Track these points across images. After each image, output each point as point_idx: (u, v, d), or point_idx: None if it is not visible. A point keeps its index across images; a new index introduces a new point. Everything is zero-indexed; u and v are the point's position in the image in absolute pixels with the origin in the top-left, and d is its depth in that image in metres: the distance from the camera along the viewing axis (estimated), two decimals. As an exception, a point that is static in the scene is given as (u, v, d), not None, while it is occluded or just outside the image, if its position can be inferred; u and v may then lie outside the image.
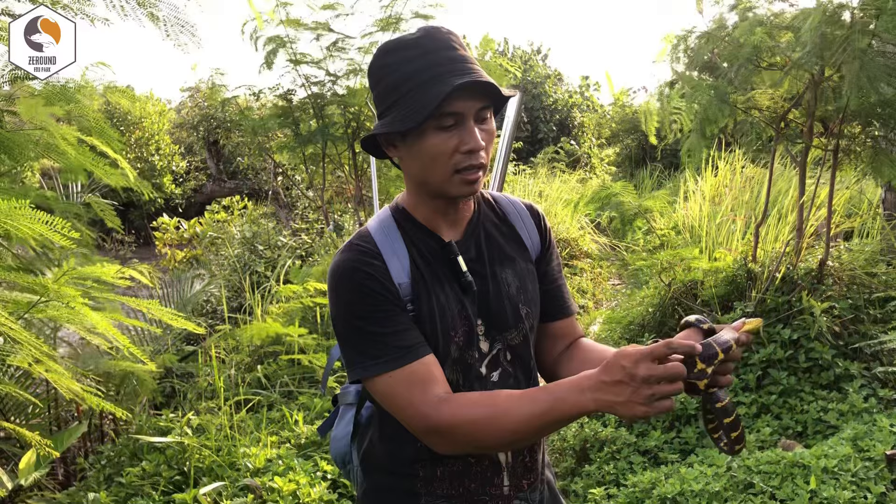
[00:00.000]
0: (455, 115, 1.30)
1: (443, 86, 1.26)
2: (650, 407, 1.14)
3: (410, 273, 1.39)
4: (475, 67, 1.32)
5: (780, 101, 4.53)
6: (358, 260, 1.36)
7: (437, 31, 1.36)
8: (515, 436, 1.28)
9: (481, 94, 1.32)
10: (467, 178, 1.34)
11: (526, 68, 18.26)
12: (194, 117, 14.25)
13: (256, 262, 7.90)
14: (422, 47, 1.32)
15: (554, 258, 1.62)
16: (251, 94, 6.75)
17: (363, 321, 1.34)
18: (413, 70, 1.31)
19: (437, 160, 1.33)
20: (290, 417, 3.97)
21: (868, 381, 3.98)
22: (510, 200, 1.61)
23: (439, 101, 1.26)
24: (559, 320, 1.60)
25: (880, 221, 5.83)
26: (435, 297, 1.39)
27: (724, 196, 7.63)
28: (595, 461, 3.77)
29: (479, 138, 1.32)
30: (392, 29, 5.73)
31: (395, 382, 1.32)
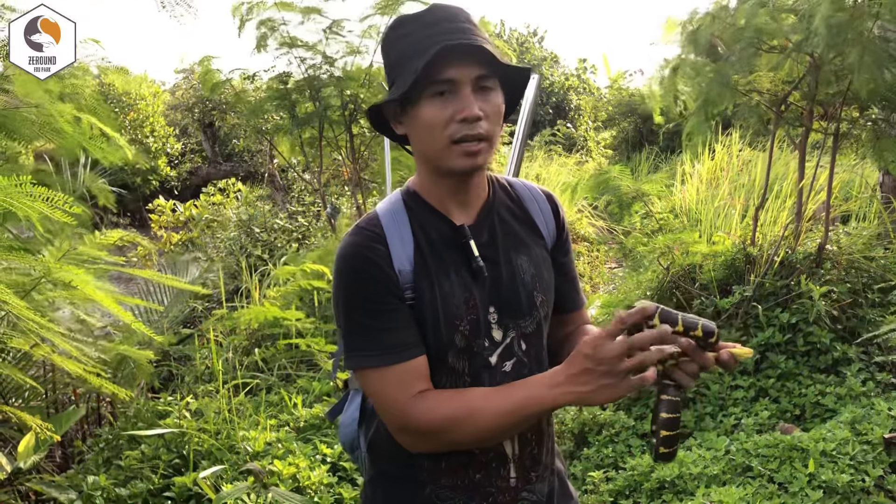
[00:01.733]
0: (449, 83, 1.27)
1: (432, 50, 1.25)
2: (619, 387, 1.14)
3: (413, 259, 1.36)
4: (473, 36, 1.29)
5: (780, 83, 4.51)
6: (361, 244, 1.34)
7: (442, 6, 1.34)
8: (488, 433, 1.29)
9: (479, 62, 1.28)
10: (466, 149, 1.30)
11: (522, 51, 18.17)
12: (189, 99, 14.15)
13: (253, 245, 7.89)
14: (423, 21, 1.31)
15: (569, 249, 1.59)
16: (246, 77, 6.68)
17: (360, 311, 1.33)
18: (411, 42, 1.30)
19: (432, 130, 1.30)
20: (289, 401, 3.97)
21: (866, 364, 3.99)
22: (526, 186, 1.56)
23: (424, 64, 1.23)
24: (570, 313, 1.59)
25: (878, 205, 5.84)
26: (438, 284, 1.36)
27: (721, 179, 7.62)
28: (593, 444, 3.78)
29: (474, 106, 1.28)
30: (391, 12, 5.67)
31: (379, 378, 1.32)
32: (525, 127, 2.10)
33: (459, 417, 1.28)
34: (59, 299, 2.72)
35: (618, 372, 1.14)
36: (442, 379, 1.38)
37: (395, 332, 1.32)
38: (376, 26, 5.84)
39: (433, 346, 1.36)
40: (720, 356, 1.21)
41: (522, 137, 2.10)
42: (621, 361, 1.14)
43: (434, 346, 1.36)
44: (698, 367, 1.21)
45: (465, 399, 1.31)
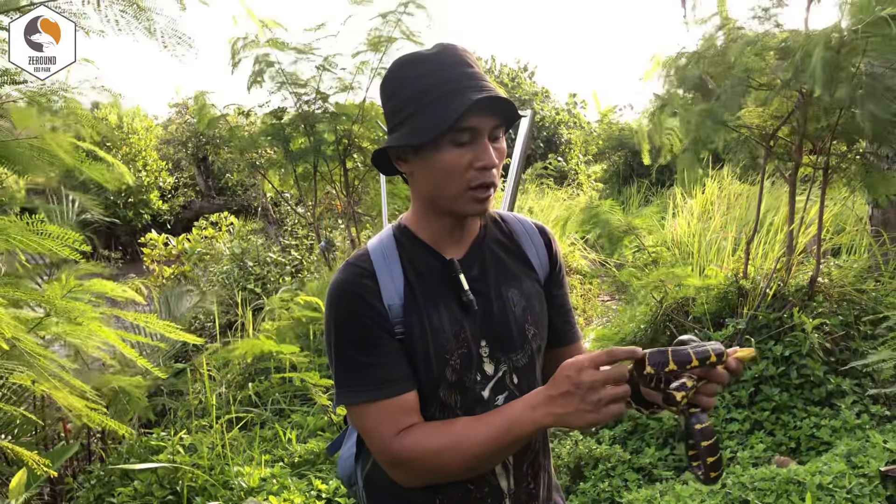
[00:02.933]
0: (471, 131, 1.30)
1: (462, 99, 1.26)
2: (599, 413, 1.16)
3: (403, 294, 1.37)
4: (491, 85, 1.32)
5: (769, 119, 4.57)
6: (351, 281, 1.37)
7: (454, 47, 1.36)
8: (476, 461, 1.30)
9: (496, 112, 1.31)
10: (479, 195, 1.33)
11: (513, 86, 18.36)
12: (182, 133, 14.22)
13: (246, 278, 7.87)
14: (439, 62, 1.32)
15: (563, 282, 1.60)
16: (241, 112, 6.74)
17: (350, 346, 1.35)
18: (431, 84, 1.30)
19: (450, 176, 1.32)
20: (283, 436, 3.95)
21: (860, 397, 4.00)
22: (519, 219, 1.58)
23: (459, 115, 1.25)
24: (565, 346, 1.60)
25: (868, 238, 5.89)
26: (428, 319, 1.37)
27: (713, 213, 7.68)
28: (589, 479, 3.76)
29: (493, 155, 1.31)
30: (383, 49, 5.75)
31: (367, 414, 1.35)
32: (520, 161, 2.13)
33: (445, 448, 1.30)
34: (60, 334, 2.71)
35: (598, 399, 1.16)
36: (435, 413, 1.39)
37: (384, 367, 1.34)
38: (368, 62, 5.92)
39: (424, 381, 1.37)
40: (728, 366, 1.24)
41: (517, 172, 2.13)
42: (602, 388, 1.15)
43: (425, 381, 1.37)
44: (716, 387, 1.25)
45: (449, 429, 1.32)
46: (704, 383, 1.24)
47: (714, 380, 1.24)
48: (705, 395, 1.25)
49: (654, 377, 1.23)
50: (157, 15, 3.10)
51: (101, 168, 3.17)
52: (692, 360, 1.21)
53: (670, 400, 1.22)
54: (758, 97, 4.44)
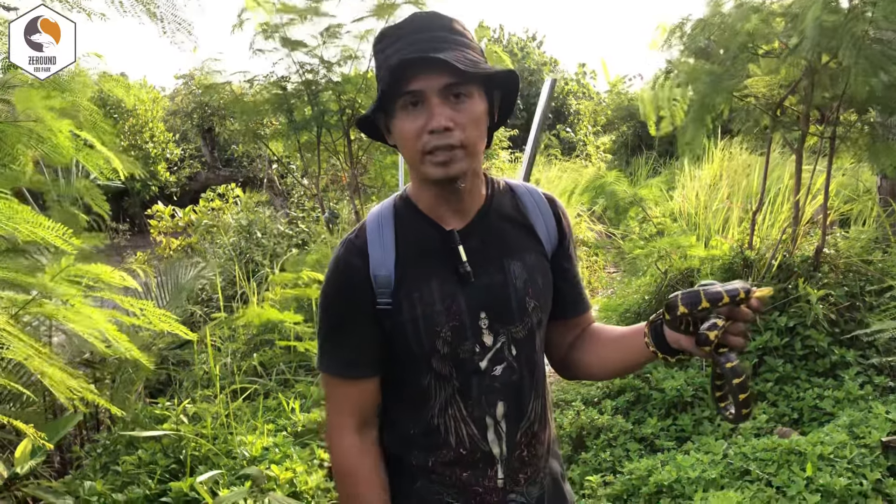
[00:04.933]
0: (416, 94, 1.28)
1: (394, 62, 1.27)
2: None
3: (394, 266, 1.38)
4: (441, 45, 1.28)
5: (776, 88, 4.51)
6: (343, 259, 1.41)
7: (421, 14, 1.34)
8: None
9: (447, 72, 1.27)
10: (436, 159, 1.30)
11: (522, 55, 18.20)
12: (188, 104, 14.18)
13: (253, 250, 7.88)
14: (397, 33, 1.33)
15: (572, 254, 1.58)
16: (245, 81, 6.69)
17: (331, 319, 1.44)
18: (385, 56, 1.32)
19: (406, 142, 1.32)
20: (287, 405, 3.97)
21: (864, 368, 3.99)
22: (528, 189, 1.55)
23: (387, 81, 1.27)
24: (575, 317, 1.59)
25: (876, 208, 5.84)
26: (417, 291, 1.38)
27: (720, 184, 7.63)
28: (591, 448, 3.78)
29: (440, 117, 1.27)
30: (386, 15, 5.69)
31: (330, 386, 1.47)
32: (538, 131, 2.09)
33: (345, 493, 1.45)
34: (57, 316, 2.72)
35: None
36: (430, 382, 1.41)
37: (352, 348, 1.42)
38: (373, 30, 5.86)
39: (416, 351, 1.39)
40: (751, 304, 1.24)
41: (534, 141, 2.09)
42: None
43: (417, 351, 1.39)
44: (743, 325, 1.25)
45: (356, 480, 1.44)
46: (731, 323, 1.25)
47: (740, 319, 1.24)
48: (733, 335, 1.25)
49: (685, 318, 1.26)
50: None
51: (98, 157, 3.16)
52: (724, 298, 1.22)
53: (703, 340, 1.23)
54: (768, 65, 4.38)
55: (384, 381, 1.47)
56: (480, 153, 1.38)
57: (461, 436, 1.41)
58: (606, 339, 1.53)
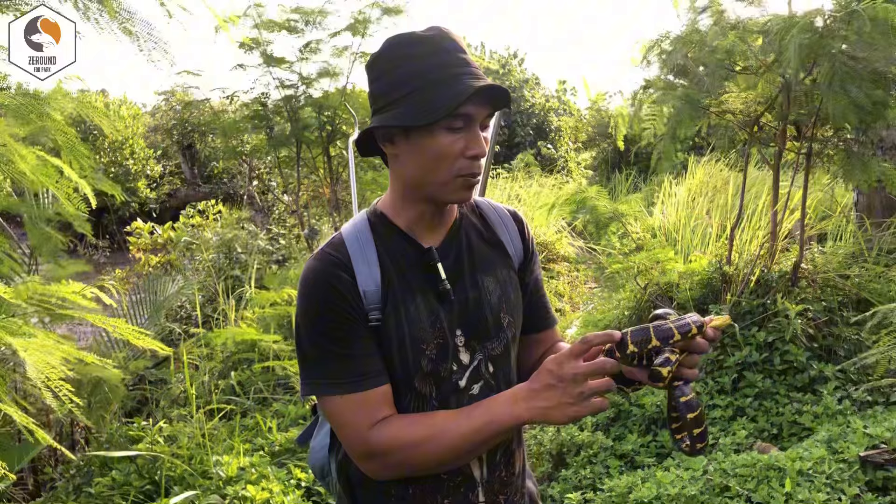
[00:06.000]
0: (466, 118, 1.29)
1: (462, 86, 1.25)
2: (581, 406, 1.16)
3: (380, 282, 1.35)
4: (481, 74, 1.31)
5: (753, 104, 4.55)
6: (326, 271, 1.33)
7: (447, 31, 1.34)
8: (454, 454, 1.29)
9: (489, 102, 1.31)
10: (467, 183, 1.34)
11: (504, 73, 18.28)
12: (168, 121, 14.10)
13: (232, 266, 7.82)
14: (436, 45, 1.31)
15: (537, 268, 1.59)
16: (225, 97, 6.67)
17: (324, 338, 1.33)
18: (427, 66, 1.29)
19: (441, 161, 1.30)
20: (264, 425, 3.93)
21: (842, 382, 4.00)
22: (493, 206, 1.56)
23: (462, 101, 1.25)
24: (541, 332, 1.59)
25: (853, 224, 5.89)
26: (404, 308, 1.35)
27: (698, 199, 7.68)
28: (571, 465, 3.76)
29: (484, 144, 1.31)
30: (361, 32, 5.71)
31: (343, 405, 1.32)
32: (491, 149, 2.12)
33: (424, 440, 1.28)
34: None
35: (580, 392, 1.15)
36: (409, 403, 1.37)
37: (358, 359, 1.32)
38: (349, 47, 5.87)
39: (400, 370, 1.35)
40: (706, 335, 1.24)
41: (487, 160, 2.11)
42: (585, 381, 1.15)
43: (401, 371, 1.35)
44: (698, 357, 1.26)
45: (427, 422, 1.30)
46: (686, 355, 1.25)
47: (695, 350, 1.25)
48: (687, 367, 1.25)
49: (636, 355, 1.24)
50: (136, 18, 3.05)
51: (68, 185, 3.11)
52: (674, 335, 1.21)
53: (655, 376, 1.22)
54: (744, 82, 4.42)
55: None
56: None
57: None
58: None
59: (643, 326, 1.23)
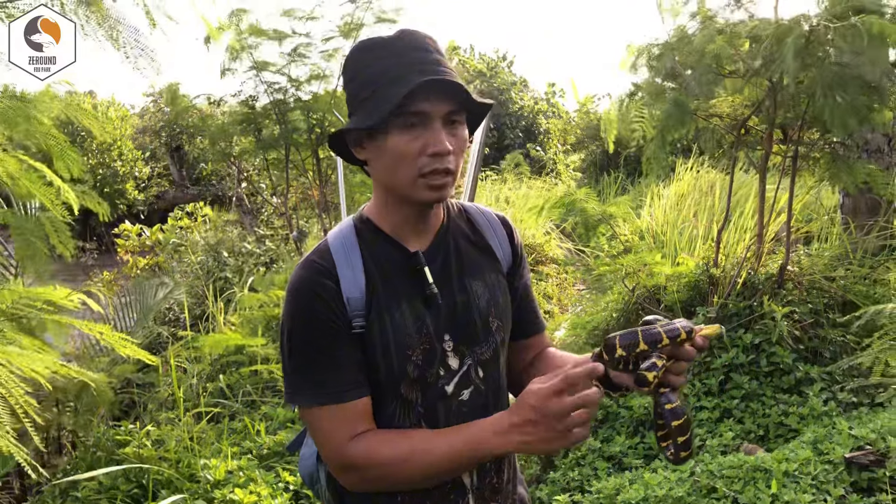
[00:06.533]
0: (420, 115, 1.27)
1: (407, 83, 1.24)
2: (565, 439, 1.15)
3: (365, 288, 1.34)
4: (446, 69, 1.28)
5: (740, 107, 4.58)
6: (311, 280, 1.33)
7: (413, 32, 1.33)
8: (430, 475, 1.30)
9: (450, 98, 1.28)
10: (433, 182, 1.30)
11: (492, 75, 18.31)
12: (157, 123, 14.06)
13: (221, 268, 7.81)
14: (394, 47, 1.30)
15: (525, 273, 1.58)
16: (212, 101, 6.66)
17: (308, 347, 1.33)
18: (382, 68, 1.28)
19: (401, 162, 1.29)
20: (252, 428, 3.92)
21: (828, 384, 4.03)
22: (481, 210, 1.56)
23: (401, 98, 1.23)
24: (530, 337, 1.58)
25: (838, 226, 5.93)
26: (389, 314, 1.34)
27: (686, 202, 7.71)
28: (559, 468, 3.77)
29: (444, 141, 1.27)
30: (353, 35, 5.70)
31: (320, 417, 1.32)
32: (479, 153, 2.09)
33: (400, 459, 1.28)
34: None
35: (563, 427, 1.14)
36: (395, 410, 1.36)
37: (338, 371, 1.32)
38: (340, 49, 5.86)
39: (385, 376, 1.34)
40: (695, 343, 1.24)
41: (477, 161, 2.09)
42: (567, 417, 1.14)
43: (386, 376, 1.34)
44: (685, 364, 1.25)
45: (406, 441, 1.30)
46: (673, 362, 1.24)
47: (682, 357, 1.24)
48: (674, 374, 1.24)
49: (624, 359, 1.23)
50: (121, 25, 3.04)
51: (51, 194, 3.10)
52: (663, 339, 1.21)
53: (641, 381, 1.21)
54: (732, 85, 4.44)
55: None
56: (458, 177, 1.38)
57: None
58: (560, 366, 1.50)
59: (632, 330, 1.23)
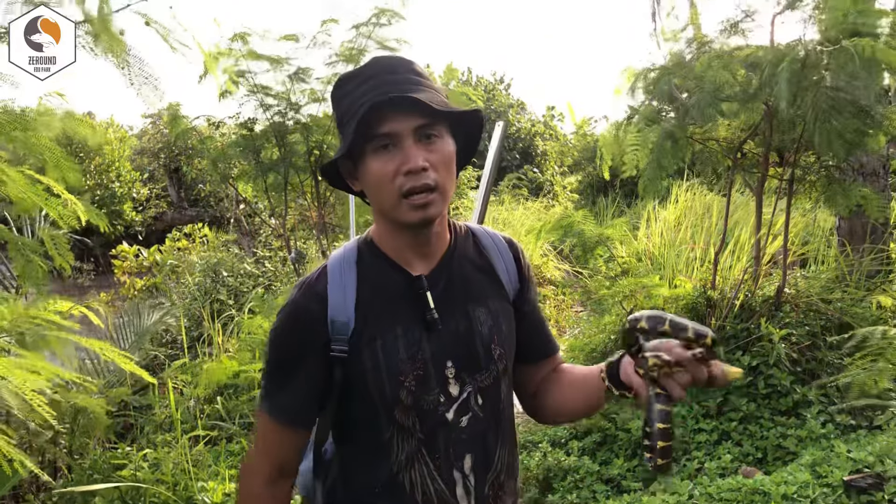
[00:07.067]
0: (389, 136, 1.26)
1: (365, 107, 1.24)
2: None
3: (354, 312, 1.34)
4: (414, 87, 1.27)
5: (737, 131, 4.62)
6: (296, 302, 1.36)
7: (384, 58, 1.33)
8: None
9: (418, 112, 1.25)
10: (414, 202, 1.27)
11: (489, 98, 18.42)
12: (156, 144, 14.10)
13: (219, 290, 7.79)
14: (361, 77, 1.30)
15: (533, 296, 1.55)
16: (212, 123, 6.67)
17: (278, 359, 1.39)
18: (354, 97, 1.28)
19: (381, 185, 1.28)
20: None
21: (825, 406, 4.03)
22: (489, 234, 1.52)
23: (356, 123, 1.23)
24: (543, 360, 1.56)
25: (835, 249, 5.96)
26: (381, 338, 1.33)
27: (683, 224, 7.74)
28: (558, 490, 3.76)
29: (417, 157, 1.25)
30: (355, 60, 5.73)
31: (261, 425, 1.40)
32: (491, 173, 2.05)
33: None
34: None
35: None
36: (392, 436, 1.35)
37: (293, 395, 1.37)
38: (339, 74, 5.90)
39: (379, 401, 1.34)
40: (712, 370, 1.15)
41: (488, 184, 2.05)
42: None
43: (380, 401, 1.34)
44: (690, 378, 1.16)
45: None
46: (679, 370, 1.16)
47: (691, 371, 1.16)
48: (677, 383, 1.17)
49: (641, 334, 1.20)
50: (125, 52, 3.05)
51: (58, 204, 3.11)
52: (688, 330, 1.15)
53: (642, 364, 1.17)
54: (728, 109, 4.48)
55: (341, 436, 1.43)
56: (451, 195, 1.35)
57: (428, 493, 1.35)
58: (571, 380, 1.50)
59: (662, 312, 1.19)
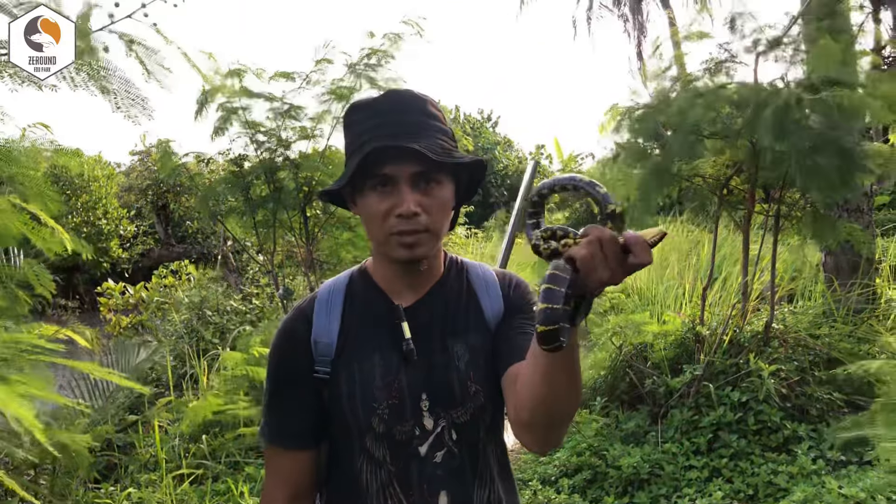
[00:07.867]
0: (387, 178, 1.28)
1: (368, 147, 1.26)
2: None
3: (337, 337, 1.37)
4: (419, 132, 1.29)
5: (722, 168, 4.66)
6: (285, 327, 1.42)
7: (399, 93, 1.34)
8: None
9: (417, 161, 1.27)
10: (404, 241, 1.30)
11: (476, 135, 18.59)
12: (143, 181, 14.10)
13: (205, 327, 7.74)
14: (375, 109, 1.32)
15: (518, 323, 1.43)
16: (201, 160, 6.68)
17: (272, 384, 1.42)
18: (361, 130, 1.31)
19: (373, 221, 1.31)
20: (236, 489, 3.84)
21: (816, 442, 4.02)
22: (481, 269, 1.51)
23: (356, 165, 1.26)
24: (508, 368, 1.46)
25: (822, 284, 5.99)
26: (357, 364, 1.35)
27: (670, 259, 7.77)
28: (549, 530, 3.71)
29: (409, 203, 1.27)
30: (345, 100, 5.78)
31: (267, 454, 1.44)
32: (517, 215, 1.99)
33: None
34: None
35: None
36: (362, 465, 1.36)
37: (286, 417, 1.40)
38: (330, 112, 5.93)
39: (351, 428, 1.35)
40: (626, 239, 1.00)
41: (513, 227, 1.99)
42: None
43: (352, 428, 1.35)
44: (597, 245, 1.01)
45: None
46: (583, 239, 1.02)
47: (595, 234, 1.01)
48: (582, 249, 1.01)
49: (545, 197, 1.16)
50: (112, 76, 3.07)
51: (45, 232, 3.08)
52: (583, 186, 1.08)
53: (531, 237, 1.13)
54: (713, 147, 4.53)
55: (326, 476, 1.44)
56: (444, 235, 1.37)
57: None
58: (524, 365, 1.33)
59: None
